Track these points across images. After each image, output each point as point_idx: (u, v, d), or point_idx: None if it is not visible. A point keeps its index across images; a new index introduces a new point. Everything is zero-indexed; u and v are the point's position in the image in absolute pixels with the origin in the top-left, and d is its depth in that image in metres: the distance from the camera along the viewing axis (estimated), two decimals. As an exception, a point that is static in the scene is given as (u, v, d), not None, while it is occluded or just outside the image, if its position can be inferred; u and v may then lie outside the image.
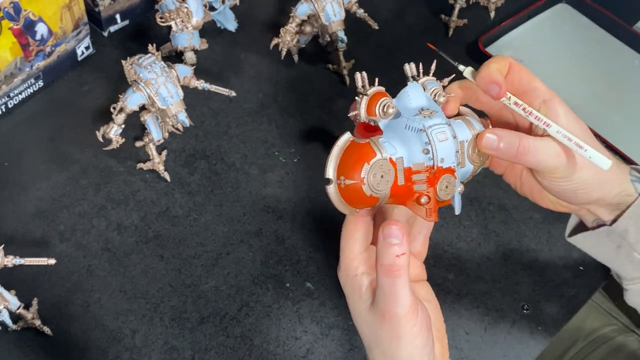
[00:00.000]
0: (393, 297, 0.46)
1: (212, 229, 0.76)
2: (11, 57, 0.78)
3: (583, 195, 0.55)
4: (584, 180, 0.53)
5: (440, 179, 0.48)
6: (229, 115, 0.87)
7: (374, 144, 0.48)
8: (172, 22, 0.82)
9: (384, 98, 0.49)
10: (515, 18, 1.00)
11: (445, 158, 0.48)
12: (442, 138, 0.48)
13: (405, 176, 0.48)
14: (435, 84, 0.53)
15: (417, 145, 0.48)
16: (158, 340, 0.68)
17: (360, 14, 0.89)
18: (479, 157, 0.52)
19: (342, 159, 0.48)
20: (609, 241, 0.61)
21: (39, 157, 0.80)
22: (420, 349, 0.47)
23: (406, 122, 0.49)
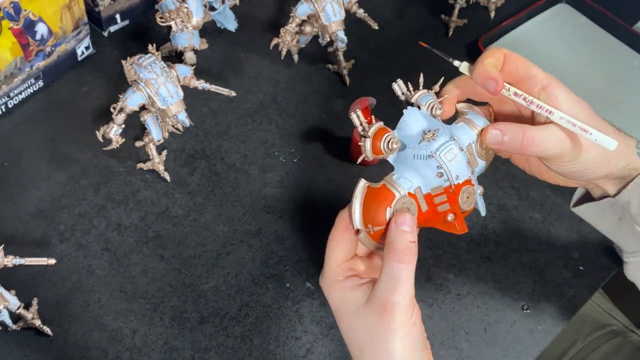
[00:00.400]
0: (398, 284, 0.46)
1: (212, 229, 0.76)
2: (11, 57, 0.78)
3: (591, 174, 0.56)
4: (591, 160, 0.54)
5: (460, 193, 0.49)
6: (229, 115, 0.87)
7: (389, 185, 0.49)
8: (172, 22, 0.82)
9: (386, 134, 0.49)
10: (515, 18, 1.00)
11: (459, 174, 0.49)
12: (451, 157, 0.49)
13: (428, 202, 0.49)
14: (428, 96, 0.54)
15: (430, 171, 0.49)
16: (158, 340, 0.68)
17: (360, 14, 0.89)
18: (488, 150, 0.53)
19: (365, 207, 0.49)
20: (611, 212, 0.61)
21: (39, 157, 0.80)
22: (415, 341, 0.48)
23: (413, 151, 0.49)
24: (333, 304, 0.51)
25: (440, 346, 0.70)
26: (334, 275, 0.50)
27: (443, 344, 0.70)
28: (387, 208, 0.48)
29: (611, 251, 0.78)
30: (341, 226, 0.50)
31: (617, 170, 0.57)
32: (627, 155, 0.57)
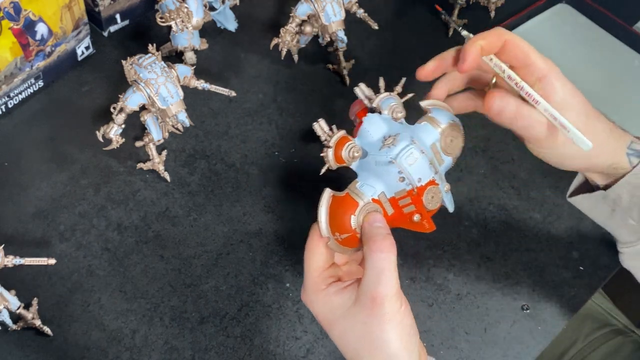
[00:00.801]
0: (383, 274, 0.47)
1: (212, 229, 0.76)
2: (11, 57, 0.78)
3: (570, 164, 0.59)
4: (569, 154, 0.56)
5: (424, 194, 0.50)
6: (229, 115, 0.87)
7: (353, 193, 0.50)
8: (172, 22, 0.82)
9: (348, 143, 0.51)
10: (515, 18, 1.00)
11: (422, 177, 0.50)
12: (411, 161, 0.50)
13: (393, 205, 0.51)
14: (390, 99, 0.55)
15: (392, 176, 0.50)
16: (158, 340, 0.68)
17: (360, 14, 0.89)
18: (455, 146, 0.54)
19: (330, 216, 0.50)
20: (604, 204, 0.63)
21: (39, 157, 0.80)
22: (409, 329, 0.49)
23: (374, 158, 0.51)
24: (320, 314, 0.51)
25: (440, 346, 0.70)
26: (316, 285, 0.51)
27: (443, 344, 0.70)
28: (352, 216, 0.49)
29: (611, 251, 0.78)
30: (315, 237, 0.51)
31: (601, 167, 0.59)
32: (615, 154, 0.59)
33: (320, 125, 0.53)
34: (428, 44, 0.98)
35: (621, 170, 0.60)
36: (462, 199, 0.81)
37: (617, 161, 0.59)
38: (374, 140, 0.52)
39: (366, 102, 0.55)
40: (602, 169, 0.60)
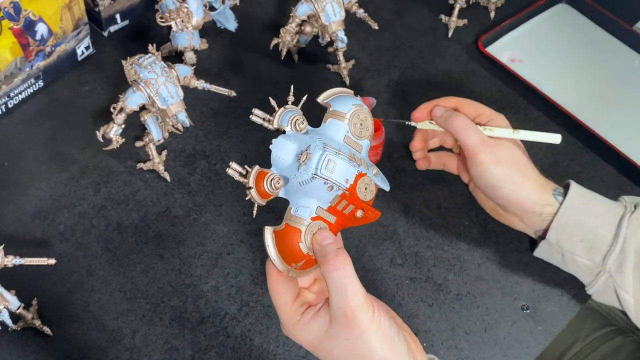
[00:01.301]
0: (346, 289, 0.48)
1: (212, 229, 0.76)
2: (11, 57, 0.78)
3: (501, 192, 0.68)
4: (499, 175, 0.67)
5: (356, 191, 0.51)
6: (229, 115, 0.87)
7: (292, 222, 0.50)
8: (172, 22, 0.82)
9: (266, 177, 0.50)
10: (515, 18, 1.00)
11: (347, 177, 0.50)
12: (332, 167, 0.50)
13: (333, 213, 0.51)
14: (288, 113, 0.54)
15: (320, 189, 0.50)
16: (158, 340, 0.68)
17: (360, 14, 0.89)
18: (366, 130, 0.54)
19: (280, 251, 0.50)
20: (553, 251, 0.69)
21: (39, 157, 0.80)
22: (389, 331, 0.49)
23: (296, 180, 0.50)
24: (304, 343, 0.52)
25: (440, 346, 0.70)
26: (291, 318, 0.52)
27: (443, 344, 0.70)
28: (299, 244, 0.50)
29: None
30: (273, 274, 0.52)
31: (529, 202, 0.67)
32: (541, 191, 0.67)
33: (233, 169, 0.52)
34: (428, 44, 0.98)
35: (548, 207, 0.68)
36: (462, 199, 0.81)
37: (543, 198, 0.67)
38: (288, 163, 0.52)
39: (266, 125, 0.54)
40: (531, 206, 0.68)
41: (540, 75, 0.94)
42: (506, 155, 0.68)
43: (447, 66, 0.95)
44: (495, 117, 0.71)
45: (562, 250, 0.68)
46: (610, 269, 0.66)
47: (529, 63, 0.96)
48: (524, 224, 0.72)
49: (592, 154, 0.87)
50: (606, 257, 0.66)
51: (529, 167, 0.69)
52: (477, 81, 0.94)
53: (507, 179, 0.67)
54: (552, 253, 0.70)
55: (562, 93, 0.92)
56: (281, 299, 0.52)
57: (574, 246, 0.67)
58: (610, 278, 0.67)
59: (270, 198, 0.51)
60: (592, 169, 0.86)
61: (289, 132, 0.53)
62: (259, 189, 0.50)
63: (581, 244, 0.66)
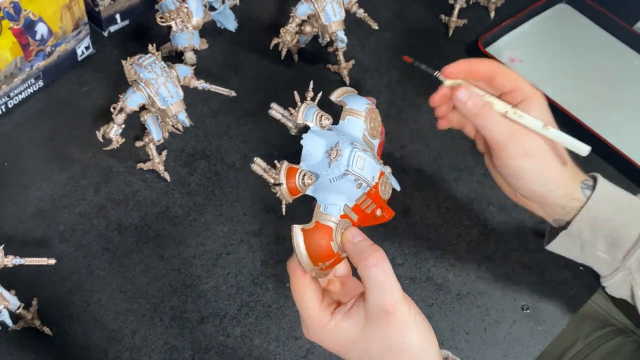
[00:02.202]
0: (385, 284, 0.47)
1: (212, 229, 0.76)
2: (11, 57, 0.78)
3: (524, 184, 0.62)
4: (525, 168, 0.61)
5: (379, 189, 0.51)
6: (229, 115, 0.87)
7: (322, 220, 0.49)
8: (172, 22, 0.82)
9: (297, 173, 0.50)
10: (515, 18, 1.00)
11: (374, 174, 0.50)
12: (361, 164, 0.49)
13: (356, 212, 0.50)
14: (310, 109, 0.54)
15: (350, 186, 0.50)
16: (158, 340, 0.68)
17: (360, 14, 0.89)
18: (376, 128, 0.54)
19: (309, 250, 0.49)
20: (571, 243, 0.65)
21: (39, 157, 0.80)
22: (425, 327, 0.49)
23: (328, 177, 0.50)
24: (333, 345, 0.51)
25: (440, 346, 0.70)
26: (320, 320, 0.50)
27: (443, 344, 0.70)
28: (331, 243, 0.49)
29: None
30: (298, 275, 0.51)
31: (554, 196, 0.63)
32: (568, 185, 0.63)
33: (258, 164, 0.51)
34: (428, 44, 0.98)
35: (574, 201, 0.63)
36: (462, 199, 0.81)
37: (571, 192, 0.63)
38: (319, 159, 0.51)
39: (285, 122, 0.53)
40: (556, 199, 0.63)
41: (540, 75, 0.94)
42: (534, 148, 0.61)
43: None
44: (532, 97, 0.61)
45: (583, 243, 0.65)
46: (630, 267, 0.64)
47: (529, 63, 0.96)
48: (543, 212, 0.67)
49: (592, 154, 0.87)
50: (628, 255, 0.64)
51: (557, 161, 0.62)
52: (477, 81, 0.94)
53: (533, 173, 0.61)
54: (570, 245, 0.66)
55: (562, 93, 0.92)
56: (309, 302, 0.51)
57: (596, 240, 0.64)
58: (629, 275, 0.65)
59: (299, 195, 0.50)
60: (592, 169, 0.86)
61: (313, 128, 0.52)
62: (289, 185, 0.50)
63: (604, 239, 0.64)
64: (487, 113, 0.60)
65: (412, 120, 0.89)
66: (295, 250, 0.50)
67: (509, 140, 0.60)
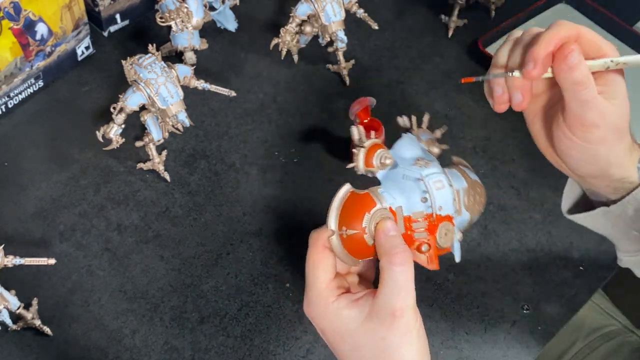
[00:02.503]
0: (403, 287, 0.46)
1: (212, 229, 0.76)
2: (11, 57, 0.78)
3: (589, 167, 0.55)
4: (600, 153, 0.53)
5: (439, 227, 0.49)
6: (229, 115, 0.87)
7: (373, 194, 0.49)
8: (172, 22, 0.82)
9: (381, 150, 0.50)
10: (515, 18, 1.00)
11: (443, 206, 0.49)
12: (439, 186, 0.49)
13: (405, 225, 0.49)
14: (429, 135, 0.55)
15: (416, 194, 0.49)
16: (158, 340, 0.68)
17: (360, 14, 0.89)
18: (477, 205, 0.53)
19: (343, 210, 0.48)
20: (605, 220, 0.61)
21: (39, 157, 0.80)
22: (424, 343, 0.48)
23: (403, 172, 0.50)
24: (327, 329, 0.49)
25: (440, 346, 0.70)
26: (324, 297, 0.49)
27: (443, 344, 0.70)
28: (366, 214, 0.48)
29: (611, 251, 0.78)
30: (319, 245, 0.49)
31: (612, 180, 0.56)
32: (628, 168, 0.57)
33: (358, 129, 0.52)
34: (428, 44, 0.98)
35: (628, 184, 0.57)
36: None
37: (629, 175, 0.57)
38: (406, 156, 0.51)
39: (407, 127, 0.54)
40: (613, 181, 0.57)
41: (540, 75, 0.94)
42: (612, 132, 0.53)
43: (447, 66, 0.95)
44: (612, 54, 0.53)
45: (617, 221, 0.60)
46: None
47: (529, 63, 0.96)
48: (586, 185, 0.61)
49: (592, 154, 0.87)
50: None
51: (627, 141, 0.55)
52: (477, 81, 0.93)
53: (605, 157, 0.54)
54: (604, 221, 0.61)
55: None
56: (320, 276, 0.49)
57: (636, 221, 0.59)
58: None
59: (369, 170, 0.50)
60: (592, 169, 0.86)
61: (421, 144, 0.53)
62: (368, 155, 0.50)
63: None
64: (589, 84, 0.50)
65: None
66: (331, 202, 0.49)
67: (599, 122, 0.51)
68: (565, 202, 0.64)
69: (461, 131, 0.88)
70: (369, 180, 0.52)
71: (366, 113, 0.80)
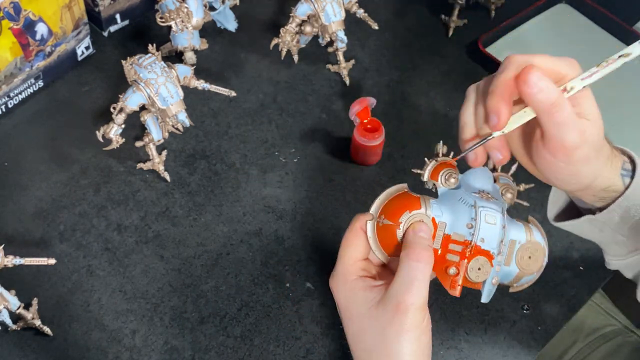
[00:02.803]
0: (413, 284, 0.46)
1: (212, 229, 0.76)
2: (11, 57, 0.78)
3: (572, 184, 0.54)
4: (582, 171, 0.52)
5: (475, 258, 0.48)
6: (229, 115, 0.87)
7: (423, 200, 0.50)
8: (172, 22, 0.82)
9: (451, 169, 0.50)
10: (515, 18, 1.00)
11: (486, 239, 0.48)
12: (490, 221, 0.48)
13: (443, 242, 0.49)
14: (508, 180, 0.55)
15: (464, 218, 0.49)
16: (158, 340, 0.68)
17: (360, 14, 0.89)
18: (529, 265, 0.52)
19: (390, 202, 0.50)
20: (592, 226, 0.61)
21: (39, 157, 0.80)
22: (424, 347, 0.47)
23: (462, 195, 0.50)
24: (342, 304, 0.50)
25: (440, 346, 0.70)
26: (348, 273, 0.50)
27: (443, 344, 0.70)
28: (407, 212, 0.49)
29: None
30: (356, 227, 0.50)
31: (598, 189, 0.56)
32: (612, 177, 0.56)
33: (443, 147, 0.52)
34: (428, 44, 0.98)
35: (613, 192, 0.57)
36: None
37: (613, 183, 0.56)
38: (474, 185, 0.51)
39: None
40: (598, 192, 0.57)
41: (540, 75, 0.94)
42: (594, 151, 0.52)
43: (447, 66, 0.95)
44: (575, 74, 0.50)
45: (604, 227, 0.60)
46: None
47: (529, 63, 0.96)
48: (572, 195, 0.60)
49: (592, 154, 0.87)
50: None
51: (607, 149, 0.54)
52: (477, 81, 0.93)
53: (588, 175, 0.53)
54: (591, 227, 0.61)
55: (562, 93, 0.92)
56: (349, 252, 0.50)
57: (622, 227, 0.59)
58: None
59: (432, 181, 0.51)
60: (592, 169, 0.86)
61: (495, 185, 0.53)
62: (437, 168, 0.51)
63: (629, 226, 0.59)
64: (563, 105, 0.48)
65: (412, 121, 0.89)
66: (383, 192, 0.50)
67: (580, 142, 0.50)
68: (551, 209, 0.64)
69: (461, 131, 0.88)
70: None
71: (366, 113, 0.80)
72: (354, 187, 0.81)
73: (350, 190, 0.81)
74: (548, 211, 0.64)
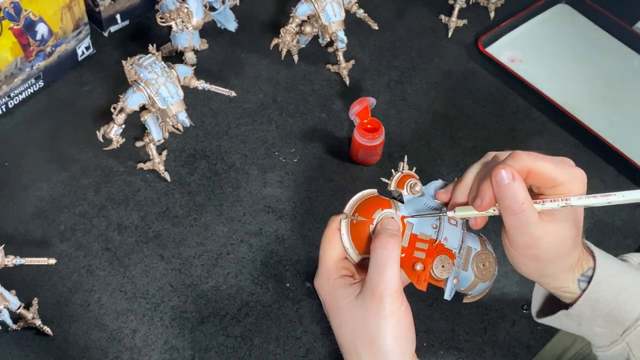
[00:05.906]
0: (385, 270, 0.48)
1: (212, 229, 0.76)
2: (11, 57, 0.78)
3: (539, 275, 0.57)
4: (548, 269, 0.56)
5: (439, 256, 0.52)
6: (229, 115, 0.87)
7: (393, 202, 0.54)
8: (173, 22, 0.82)
9: (415, 180, 0.55)
10: (515, 18, 1.00)
11: (449, 238, 0.53)
12: (452, 222, 0.54)
13: (410, 241, 0.53)
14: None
15: (430, 219, 0.53)
16: (158, 340, 0.68)
17: (360, 14, 0.89)
18: (483, 273, 0.57)
19: (362, 203, 0.54)
20: (570, 320, 0.63)
21: (39, 157, 0.80)
22: (405, 332, 0.49)
23: (426, 201, 0.55)
24: (326, 302, 0.52)
25: (440, 346, 0.70)
26: (329, 273, 0.52)
27: (443, 344, 0.70)
28: (379, 209, 0.52)
29: (611, 251, 0.78)
30: (332, 227, 0.53)
31: (549, 288, 0.59)
32: (565, 281, 0.58)
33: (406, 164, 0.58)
34: (428, 44, 0.98)
35: (568, 294, 0.58)
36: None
37: (566, 286, 0.58)
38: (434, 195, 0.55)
39: None
40: (550, 289, 0.60)
41: (540, 75, 0.94)
42: (564, 249, 0.54)
43: (447, 66, 0.95)
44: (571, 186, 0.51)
45: (580, 321, 0.62)
46: (629, 342, 0.62)
47: (529, 63, 0.97)
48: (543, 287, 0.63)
49: (592, 154, 0.87)
50: (627, 331, 0.61)
51: (574, 256, 0.56)
52: (477, 81, 0.94)
53: (554, 271, 0.56)
54: (569, 322, 0.63)
55: (562, 93, 0.92)
56: (329, 252, 0.53)
57: (596, 318, 0.61)
58: (627, 347, 0.63)
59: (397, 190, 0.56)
60: (592, 169, 0.86)
61: None
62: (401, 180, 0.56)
63: (604, 317, 0.61)
64: (523, 211, 0.51)
65: (412, 120, 0.89)
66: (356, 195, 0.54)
67: (532, 245, 0.53)
68: (534, 304, 0.66)
69: (461, 131, 0.88)
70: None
71: (366, 113, 0.80)
72: (354, 187, 0.81)
73: (350, 190, 0.81)
74: (532, 307, 0.66)
